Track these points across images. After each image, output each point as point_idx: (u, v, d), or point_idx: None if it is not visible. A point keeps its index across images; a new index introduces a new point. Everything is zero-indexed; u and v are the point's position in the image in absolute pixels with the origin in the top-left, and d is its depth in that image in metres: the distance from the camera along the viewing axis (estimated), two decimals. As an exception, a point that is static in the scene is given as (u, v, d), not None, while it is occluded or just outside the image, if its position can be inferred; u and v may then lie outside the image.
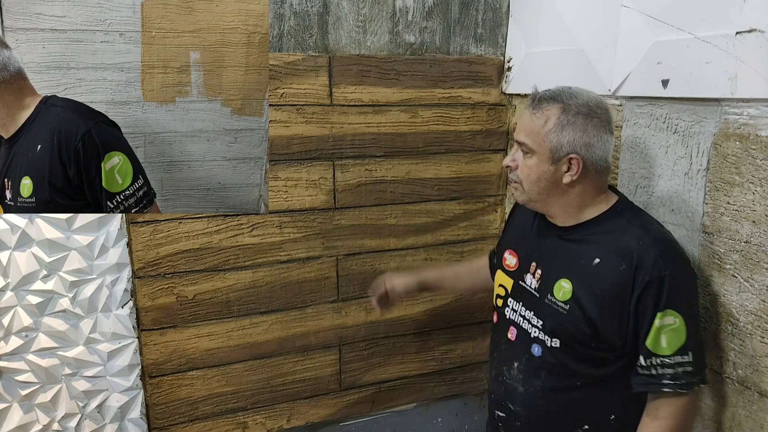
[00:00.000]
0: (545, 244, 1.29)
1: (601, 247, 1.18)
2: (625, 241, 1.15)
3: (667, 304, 1.11)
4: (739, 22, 1.12)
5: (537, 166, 1.19)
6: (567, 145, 1.16)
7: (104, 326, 1.60)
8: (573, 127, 1.15)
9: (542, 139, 1.17)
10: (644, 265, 1.11)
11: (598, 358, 1.20)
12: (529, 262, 1.31)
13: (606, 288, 1.15)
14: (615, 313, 1.15)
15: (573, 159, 1.16)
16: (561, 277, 1.22)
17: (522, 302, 1.32)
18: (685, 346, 1.11)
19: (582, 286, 1.18)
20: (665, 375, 1.12)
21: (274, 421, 1.89)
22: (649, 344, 1.12)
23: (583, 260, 1.19)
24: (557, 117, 1.16)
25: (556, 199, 1.21)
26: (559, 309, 1.21)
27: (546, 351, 1.25)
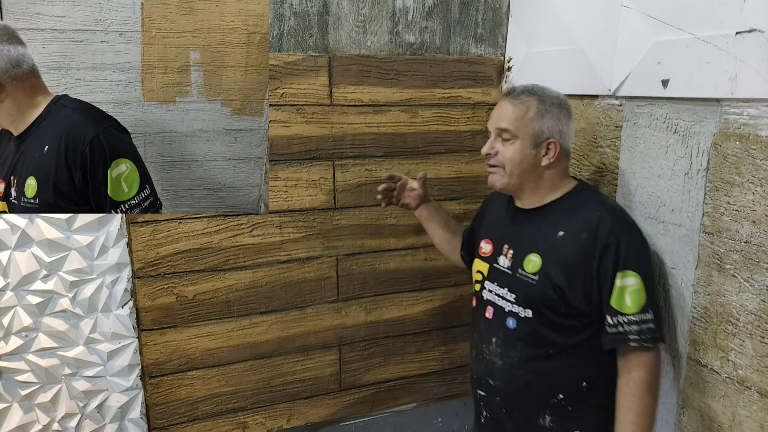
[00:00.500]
0: (516, 228, 1.42)
1: (564, 221, 1.32)
2: (584, 214, 1.30)
3: (626, 264, 1.24)
4: (739, 22, 1.12)
5: (520, 150, 1.32)
6: (546, 131, 1.31)
7: (104, 326, 1.60)
8: (550, 115, 1.31)
9: (525, 126, 1.31)
10: (602, 232, 1.25)
11: (567, 325, 1.31)
12: (502, 246, 1.43)
13: (570, 256, 1.28)
14: (580, 278, 1.27)
15: (551, 143, 1.31)
16: (530, 252, 1.35)
17: (497, 282, 1.42)
18: (646, 305, 1.24)
19: (549, 257, 1.31)
20: (632, 331, 1.24)
21: (274, 421, 1.89)
22: (614, 303, 1.24)
23: (548, 234, 1.33)
24: (537, 107, 1.31)
25: (531, 182, 1.35)
26: (529, 280, 1.34)
27: (520, 322, 1.36)
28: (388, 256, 1.92)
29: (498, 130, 1.34)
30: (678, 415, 1.38)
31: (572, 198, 1.35)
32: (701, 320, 1.30)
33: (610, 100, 1.53)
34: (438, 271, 2.00)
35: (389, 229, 1.90)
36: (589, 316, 1.29)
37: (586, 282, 1.27)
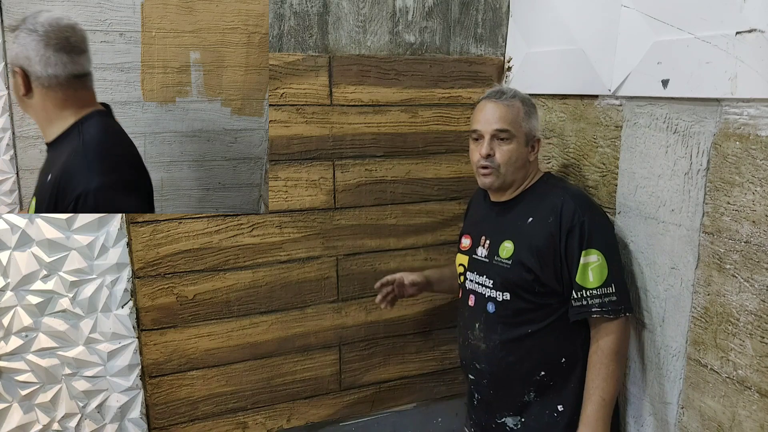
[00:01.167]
0: (491, 220, 1.53)
1: (532, 208, 1.44)
2: (550, 199, 1.42)
3: (589, 243, 1.35)
4: (739, 22, 1.12)
5: (516, 150, 1.42)
6: (533, 129, 1.45)
7: (104, 326, 1.60)
8: (532, 116, 1.45)
9: (519, 126, 1.42)
10: (566, 214, 1.37)
11: (543, 304, 1.42)
12: (479, 238, 1.54)
13: (539, 239, 1.39)
14: (549, 259, 1.38)
15: (538, 141, 1.47)
16: (504, 240, 1.46)
17: (476, 271, 1.52)
18: (608, 280, 1.34)
19: (521, 242, 1.42)
20: (594, 304, 1.35)
21: (274, 421, 1.89)
22: (578, 279, 1.36)
23: (520, 222, 1.44)
24: (523, 108, 1.43)
25: (518, 177, 1.46)
26: (504, 265, 1.44)
27: (499, 305, 1.46)
28: (388, 256, 1.92)
29: (496, 131, 1.41)
30: (678, 415, 1.38)
31: (540, 186, 1.47)
32: (701, 320, 1.30)
33: (610, 100, 1.53)
34: (438, 271, 1.99)
35: (389, 229, 1.90)
36: (562, 295, 1.40)
37: (555, 262, 1.38)
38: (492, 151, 1.41)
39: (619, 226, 1.52)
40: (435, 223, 1.96)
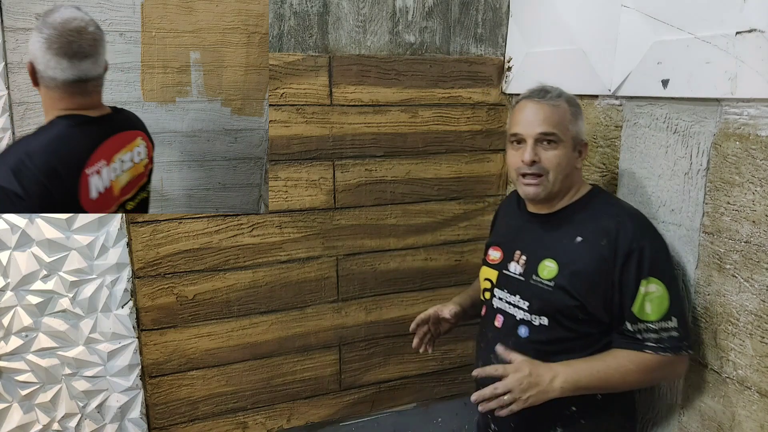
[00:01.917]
0: (528, 233, 1.37)
1: (582, 227, 1.27)
2: (603, 218, 1.26)
3: (650, 271, 1.19)
4: (739, 22, 1.12)
5: (565, 155, 1.27)
6: (580, 132, 1.30)
7: (104, 326, 1.60)
8: (580, 117, 1.30)
9: (566, 129, 1.26)
10: (623, 238, 1.21)
11: (584, 333, 1.26)
12: (512, 252, 1.38)
13: (589, 263, 1.23)
14: (599, 287, 1.22)
15: (585, 145, 1.31)
16: (545, 258, 1.30)
17: (507, 289, 1.37)
18: (669, 312, 1.19)
19: (566, 264, 1.26)
20: (649, 338, 1.19)
21: (274, 421, 1.89)
22: (636, 310, 1.20)
23: (565, 240, 1.28)
24: (570, 109, 1.28)
25: (565, 185, 1.30)
26: (545, 287, 1.28)
27: (534, 330, 1.30)
28: (388, 256, 1.92)
29: (540, 134, 1.25)
30: (678, 415, 1.38)
31: (589, 201, 1.31)
32: (701, 320, 1.30)
33: (610, 100, 1.53)
34: (438, 271, 2.00)
35: (389, 229, 1.90)
36: (606, 325, 1.25)
37: (606, 290, 1.22)
38: (537, 157, 1.25)
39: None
40: (435, 223, 1.96)
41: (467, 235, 2.01)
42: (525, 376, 1.18)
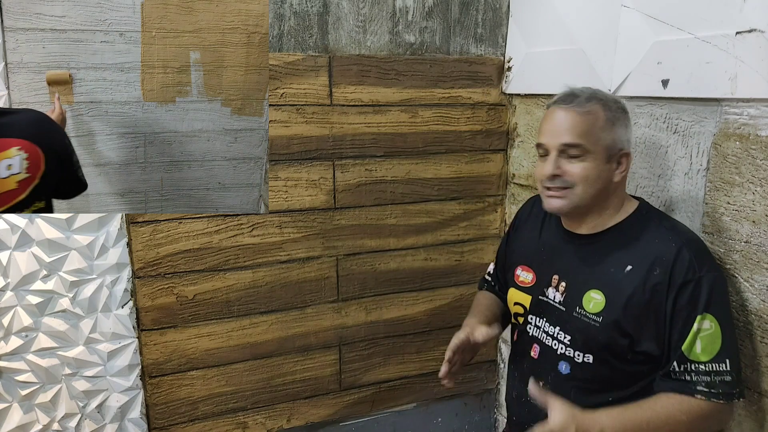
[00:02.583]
0: (567, 256, 1.24)
1: (632, 254, 1.14)
2: (656, 246, 1.11)
3: (706, 307, 1.07)
4: (739, 22, 1.12)
5: (595, 167, 1.13)
6: (618, 141, 1.14)
7: (104, 326, 1.60)
8: (619, 123, 1.15)
9: (597, 138, 1.12)
10: (679, 267, 1.08)
11: (632, 372, 1.15)
12: (549, 276, 1.25)
13: (641, 295, 1.10)
14: (651, 321, 1.10)
15: (624, 155, 1.15)
16: (591, 288, 1.17)
17: (545, 318, 1.25)
18: (721, 353, 1.06)
19: (615, 297, 1.13)
20: (700, 382, 1.06)
21: (274, 421, 1.89)
22: (685, 349, 1.07)
23: (613, 269, 1.15)
24: (605, 114, 1.13)
25: (601, 201, 1.17)
26: (590, 322, 1.15)
27: (576, 367, 1.19)
28: (388, 256, 1.92)
29: (563, 145, 1.13)
30: (678, 415, 1.38)
31: (637, 222, 1.17)
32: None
33: (610, 100, 1.53)
34: (438, 271, 1.99)
35: (389, 229, 1.90)
36: (658, 362, 1.12)
37: (658, 324, 1.10)
38: (560, 170, 1.14)
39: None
40: (435, 223, 1.96)
41: (467, 235, 2.01)
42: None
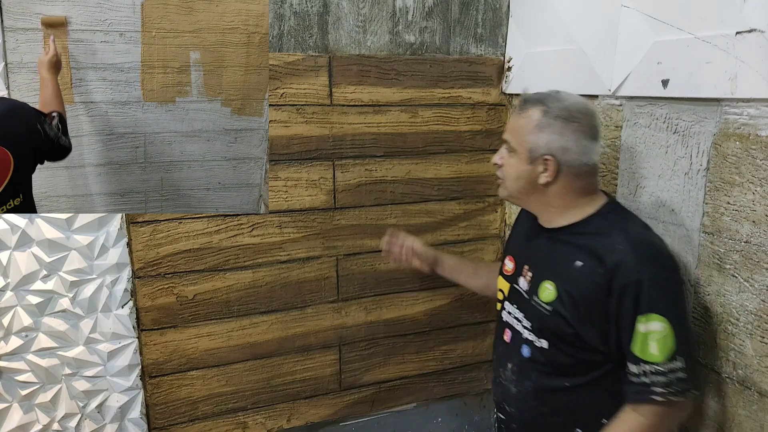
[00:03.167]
0: (536, 246, 1.33)
1: (583, 250, 1.20)
2: (605, 244, 1.17)
3: (649, 308, 1.10)
4: (739, 22, 1.13)
5: (517, 165, 1.24)
6: (544, 146, 1.19)
7: (104, 326, 1.60)
8: (551, 129, 1.19)
9: (522, 139, 1.22)
10: (621, 268, 1.12)
11: (585, 360, 1.22)
12: (522, 265, 1.36)
13: (584, 291, 1.17)
14: (594, 317, 1.16)
15: (548, 160, 1.20)
16: (546, 279, 1.26)
17: (516, 304, 1.35)
18: (675, 352, 1.10)
19: (564, 289, 1.21)
20: (657, 383, 1.11)
21: (274, 421, 1.89)
22: (637, 351, 1.12)
23: (566, 262, 1.22)
24: (538, 119, 1.20)
25: (535, 198, 1.27)
26: (543, 310, 1.25)
27: (535, 351, 1.28)
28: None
29: (503, 140, 1.29)
30: (678, 415, 1.38)
31: (596, 222, 1.22)
32: (701, 320, 1.30)
33: (610, 100, 1.53)
34: (438, 271, 1.99)
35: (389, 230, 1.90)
36: (607, 353, 1.19)
37: (602, 323, 1.16)
38: (501, 161, 1.29)
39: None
40: (435, 223, 1.96)
41: (467, 235, 2.01)
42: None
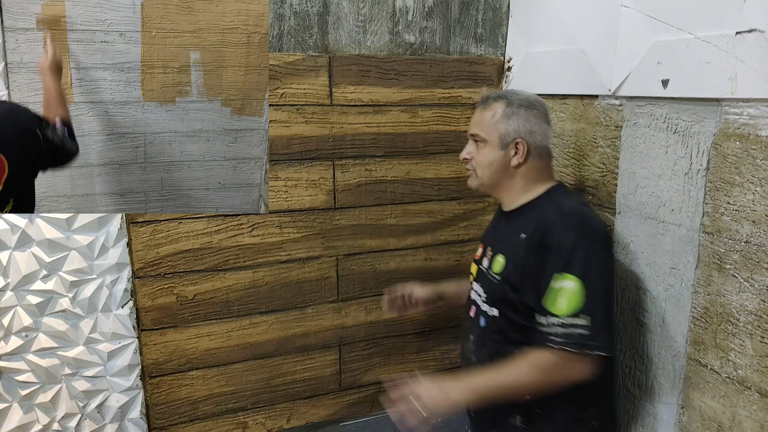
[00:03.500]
0: (498, 229, 1.49)
1: (528, 225, 1.33)
2: (542, 215, 1.32)
3: (565, 268, 1.21)
4: (739, 22, 1.13)
5: (489, 153, 1.38)
6: (513, 131, 1.35)
7: (104, 326, 1.60)
8: (517, 116, 1.35)
9: (492, 129, 1.37)
10: (550, 233, 1.26)
11: (530, 327, 1.29)
12: (486, 248, 1.49)
13: (524, 258, 1.30)
14: (531, 277, 1.28)
15: (519, 143, 1.35)
16: (499, 253, 1.40)
17: (480, 282, 1.47)
18: (582, 310, 1.19)
19: (510, 259, 1.35)
20: (557, 333, 1.20)
21: (274, 421, 1.89)
22: (547, 305, 1.22)
23: (514, 236, 1.35)
24: (503, 109, 1.36)
25: (504, 182, 1.40)
26: (493, 279, 1.38)
27: (489, 320, 1.40)
28: (388, 256, 1.92)
29: (470, 135, 1.42)
30: (678, 415, 1.39)
31: (543, 200, 1.37)
32: (701, 320, 1.30)
33: (610, 100, 1.53)
34: (438, 271, 1.99)
35: (389, 229, 1.90)
36: None
37: (532, 280, 1.27)
38: (469, 155, 1.42)
39: (619, 226, 1.52)
40: (435, 223, 1.96)
41: (467, 235, 2.01)
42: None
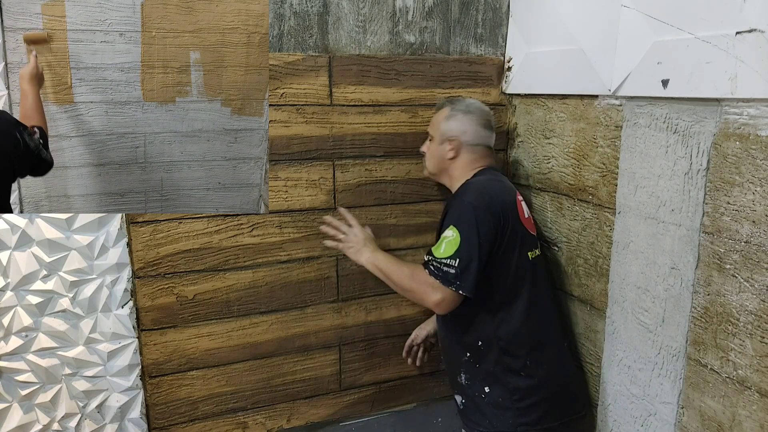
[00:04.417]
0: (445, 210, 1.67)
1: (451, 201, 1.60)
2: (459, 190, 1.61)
3: (450, 221, 1.50)
4: (739, 22, 1.13)
5: (433, 148, 1.69)
6: (448, 131, 1.64)
7: (104, 326, 1.60)
8: (455, 119, 1.64)
9: (437, 128, 1.67)
10: (454, 199, 1.59)
11: None
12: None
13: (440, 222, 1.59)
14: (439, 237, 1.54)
15: (452, 140, 1.64)
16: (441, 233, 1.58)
17: None
18: (454, 255, 1.45)
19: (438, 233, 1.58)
20: (432, 265, 1.48)
21: (274, 421, 1.89)
22: (434, 248, 1.50)
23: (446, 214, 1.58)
24: (447, 113, 1.66)
25: (444, 172, 1.69)
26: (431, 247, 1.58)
27: None
28: (388, 256, 1.92)
29: (427, 133, 1.73)
30: (678, 415, 1.39)
31: (469, 182, 1.62)
32: (701, 320, 1.30)
33: (610, 100, 1.53)
34: (438, 271, 1.99)
35: (389, 229, 1.90)
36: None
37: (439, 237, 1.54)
38: (426, 149, 1.72)
39: (619, 226, 1.52)
40: (435, 223, 1.95)
41: (467, 235, 2.01)
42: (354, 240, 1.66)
